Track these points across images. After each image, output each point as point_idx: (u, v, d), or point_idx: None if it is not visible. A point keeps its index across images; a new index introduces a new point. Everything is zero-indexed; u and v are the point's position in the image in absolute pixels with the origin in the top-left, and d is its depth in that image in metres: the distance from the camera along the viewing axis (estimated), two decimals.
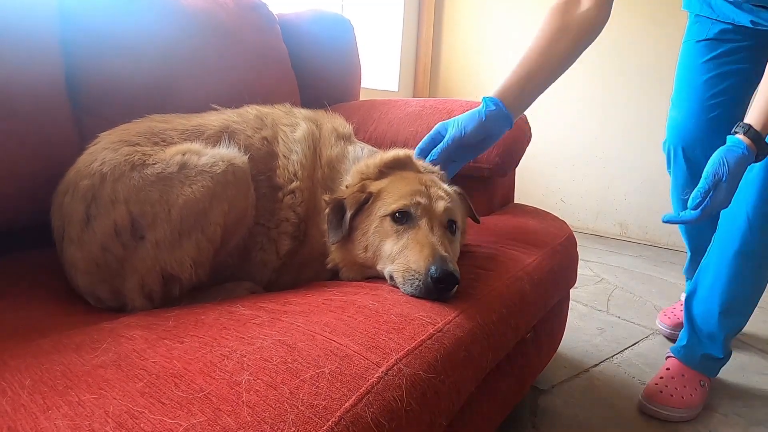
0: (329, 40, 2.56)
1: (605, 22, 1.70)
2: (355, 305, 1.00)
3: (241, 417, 0.64)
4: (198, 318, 0.97)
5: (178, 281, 1.23)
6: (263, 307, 1.01)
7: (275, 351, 0.79)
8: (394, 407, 0.75)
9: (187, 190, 1.20)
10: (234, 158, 1.30)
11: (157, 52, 1.79)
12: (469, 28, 5.27)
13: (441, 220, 1.23)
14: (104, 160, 1.23)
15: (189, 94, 1.83)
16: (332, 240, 1.27)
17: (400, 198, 1.23)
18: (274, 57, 2.26)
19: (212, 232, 1.24)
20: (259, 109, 1.57)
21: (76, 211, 1.21)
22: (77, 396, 0.70)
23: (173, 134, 1.38)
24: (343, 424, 0.67)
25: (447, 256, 1.10)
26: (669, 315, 2.59)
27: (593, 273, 3.53)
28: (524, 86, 1.60)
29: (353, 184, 1.35)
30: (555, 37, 1.64)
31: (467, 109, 1.90)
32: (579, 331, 2.57)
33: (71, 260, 1.23)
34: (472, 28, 5.25)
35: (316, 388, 0.71)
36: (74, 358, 0.83)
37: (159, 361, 0.78)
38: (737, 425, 1.86)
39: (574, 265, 1.83)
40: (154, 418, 0.64)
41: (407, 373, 0.82)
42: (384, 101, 2.29)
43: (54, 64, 1.54)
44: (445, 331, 0.97)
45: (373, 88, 4.68)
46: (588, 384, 2.09)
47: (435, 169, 1.45)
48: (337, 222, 1.27)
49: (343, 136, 1.55)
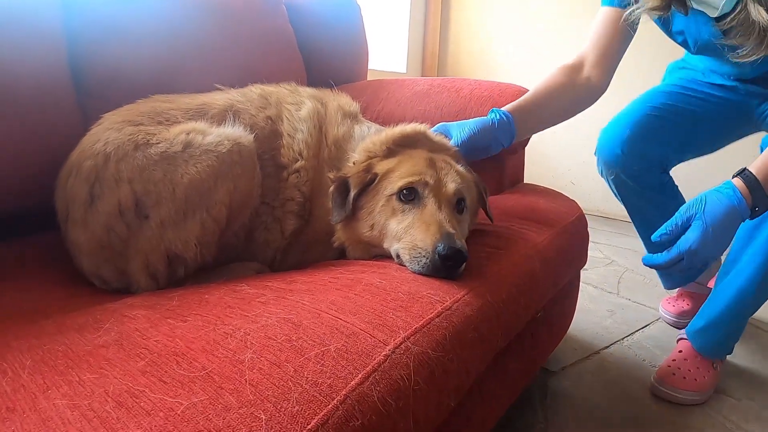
0: (336, 21, 2.54)
1: (602, 92, 1.87)
2: (362, 283, 0.98)
3: (243, 395, 0.63)
4: (202, 297, 0.96)
5: (183, 261, 1.22)
6: (268, 286, 0.99)
7: (280, 329, 0.77)
8: (401, 386, 0.74)
9: (192, 170, 1.19)
10: (240, 137, 1.29)
11: (161, 34, 1.78)
12: (477, 8, 5.22)
13: (449, 198, 1.21)
14: (108, 140, 1.22)
15: (193, 77, 1.81)
16: (335, 219, 1.25)
17: (406, 176, 1.21)
18: (279, 39, 2.24)
19: (217, 211, 1.23)
20: (264, 88, 1.55)
21: (79, 192, 1.20)
22: (78, 375, 0.69)
23: (177, 114, 1.37)
24: (348, 403, 0.66)
25: (454, 233, 1.08)
26: (672, 303, 2.54)
27: (603, 255, 3.50)
28: (529, 116, 1.66)
29: (360, 162, 1.33)
30: (558, 90, 1.77)
31: (475, 87, 1.90)
32: (589, 313, 2.55)
33: (75, 242, 1.23)
34: (481, 9, 5.20)
35: (321, 366, 0.70)
36: (76, 338, 0.82)
37: (161, 340, 0.77)
38: (750, 410, 1.83)
39: (584, 246, 1.81)
40: (154, 396, 0.63)
41: (415, 351, 0.80)
42: (392, 80, 2.26)
43: (57, 47, 1.53)
44: (454, 309, 0.95)
45: (381, 69, 4.65)
46: (598, 366, 2.06)
47: (449, 146, 1.43)
48: (341, 200, 1.25)
49: (350, 115, 1.53)
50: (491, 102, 1.86)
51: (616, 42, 1.84)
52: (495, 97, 1.88)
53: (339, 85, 1.96)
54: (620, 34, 1.82)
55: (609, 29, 1.82)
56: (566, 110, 1.82)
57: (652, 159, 1.99)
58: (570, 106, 1.82)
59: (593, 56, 1.83)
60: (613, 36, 1.83)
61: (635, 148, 1.96)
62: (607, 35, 1.83)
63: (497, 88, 1.94)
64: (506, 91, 1.91)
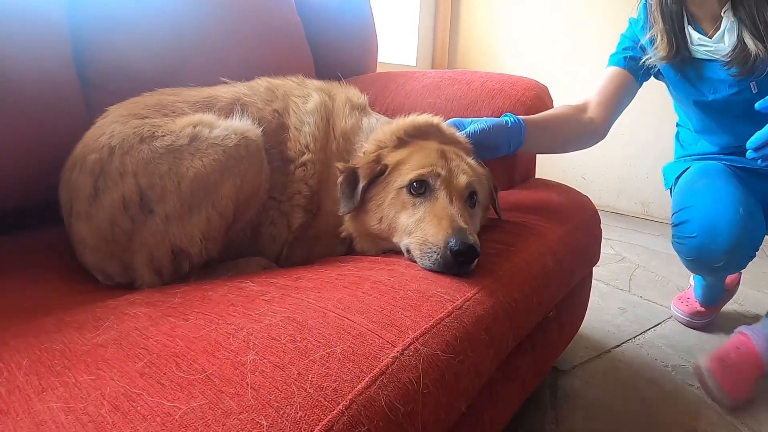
0: (344, 12, 2.51)
1: (602, 136, 1.98)
2: (370, 281, 0.95)
3: (244, 400, 0.61)
4: (205, 294, 0.94)
5: (188, 257, 1.21)
6: (273, 283, 0.97)
7: (284, 329, 0.75)
8: (409, 389, 0.71)
9: (198, 163, 1.18)
10: (247, 131, 1.27)
11: (167, 27, 1.76)
12: (487, 1, 5.19)
13: (461, 191, 1.18)
14: (113, 133, 1.20)
15: (200, 69, 1.80)
16: (343, 210, 1.23)
17: (417, 168, 1.19)
18: (287, 31, 2.22)
19: (223, 206, 1.21)
20: (271, 81, 1.54)
21: (83, 185, 1.18)
22: (74, 377, 0.68)
23: (183, 107, 1.35)
24: (354, 408, 0.63)
25: (466, 228, 1.06)
26: (685, 301, 2.50)
27: (615, 252, 3.48)
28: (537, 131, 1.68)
29: (370, 152, 1.31)
30: (565, 120, 1.85)
31: (487, 80, 1.89)
32: (600, 311, 2.53)
33: (79, 236, 1.21)
34: (491, 1, 5.16)
35: (327, 368, 0.67)
36: (75, 336, 0.81)
37: (161, 339, 0.75)
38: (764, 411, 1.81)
39: (597, 242, 1.79)
40: (151, 400, 0.61)
41: (424, 353, 0.77)
42: (401, 73, 2.24)
43: (61, 39, 1.52)
44: (465, 308, 0.92)
45: (390, 62, 4.63)
46: (610, 365, 2.04)
47: (461, 139, 1.41)
48: (349, 192, 1.23)
49: (358, 107, 1.51)
50: (502, 95, 1.84)
51: (619, 95, 2.00)
52: (506, 89, 1.86)
53: (347, 77, 1.95)
54: (622, 89, 2.01)
55: (612, 84, 2.01)
56: (568, 140, 1.89)
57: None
58: (572, 138, 1.90)
59: (596, 101, 1.97)
60: (615, 90, 2.00)
61: (744, 252, 1.84)
62: (610, 88, 2.00)
63: (508, 80, 1.92)
64: (517, 84, 1.89)
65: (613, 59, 2.06)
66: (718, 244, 1.76)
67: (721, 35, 1.78)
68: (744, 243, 1.75)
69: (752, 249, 1.79)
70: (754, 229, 1.76)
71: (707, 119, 2.02)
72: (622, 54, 2.02)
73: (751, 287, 2.96)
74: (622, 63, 2.01)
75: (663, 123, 4.17)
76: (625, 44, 2.04)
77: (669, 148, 4.03)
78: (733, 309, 2.65)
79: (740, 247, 1.75)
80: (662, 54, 1.86)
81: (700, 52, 1.85)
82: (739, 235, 1.73)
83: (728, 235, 1.74)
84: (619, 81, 2.00)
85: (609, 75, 2.03)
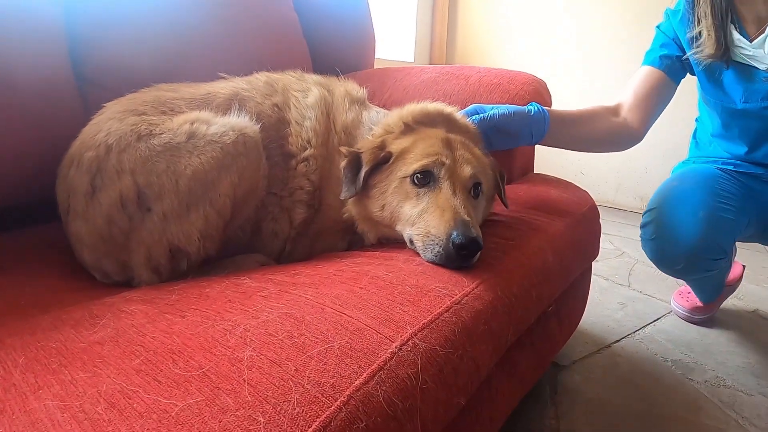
0: (341, 8, 2.51)
1: (638, 138, 1.94)
2: (368, 276, 0.95)
3: (241, 396, 0.60)
4: (202, 291, 0.93)
5: (186, 255, 1.21)
6: (271, 279, 0.97)
7: (281, 325, 0.75)
8: (408, 385, 0.71)
9: (195, 161, 1.17)
10: (245, 128, 1.27)
11: (164, 22, 1.76)
12: None
13: (464, 182, 1.18)
14: (110, 130, 1.20)
15: (197, 65, 1.80)
16: (345, 194, 1.23)
17: (421, 158, 1.18)
18: (284, 26, 2.22)
19: (221, 204, 1.21)
20: (269, 76, 1.53)
21: (80, 183, 1.18)
22: (70, 374, 0.67)
23: (181, 103, 1.35)
24: (352, 404, 0.63)
25: (469, 220, 1.05)
26: (685, 297, 2.49)
27: (614, 246, 3.48)
28: (563, 125, 1.69)
29: (377, 135, 1.31)
30: (596, 118, 1.84)
31: (484, 75, 1.89)
32: (600, 306, 2.53)
33: (77, 234, 1.21)
34: None
35: (324, 364, 0.67)
36: (72, 334, 0.80)
37: (158, 336, 0.74)
38: (762, 405, 1.81)
39: (597, 237, 1.78)
40: (148, 397, 0.60)
41: (423, 348, 0.77)
42: (399, 68, 2.23)
43: (57, 35, 1.52)
44: (464, 303, 0.92)
45: (388, 58, 4.63)
46: (609, 360, 2.04)
47: (471, 128, 1.40)
48: (352, 176, 1.23)
49: (357, 100, 1.50)
50: (500, 89, 1.84)
51: (655, 96, 1.95)
52: (504, 84, 1.85)
53: (345, 73, 1.94)
54: (658, 90, 1.96)
55: (646, 84, 1.96)
56: (595, 139, 1.89)
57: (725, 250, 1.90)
58: (603, 138, 1.89)
59: (630, 102, 1.93)
60: (650, 91, 1.94)
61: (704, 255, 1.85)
62: (644, 87, 1.95)
63: (506, 75, 1.91)
64: (516, 79, 1.88)
65: (648, 57, 2.01)
66: (676, 247, 1.80)
67: (762, 41, 1.74)
68: (703, 247, 1.76)
69: (715, 253, 1.80)
70: (715, 234, 1.76)
71: (731, 125, 1.99)
72: (658, 52, 1.97)
73: (751, 282, 2.97)
74: (657, 63, 1.96)
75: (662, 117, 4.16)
76: (662, 40, 2.00)
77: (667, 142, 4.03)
78: (733, 304, 2.66)
79: (700, 251, 1.77)
80: (709, 52, 1.80)
81: (738, 55, 1.81)
82: (696, 239, 1.75)
83: (685, 240, 1.77)
84: (654, 82, 1.95)
85: (644, 75, 1.99)
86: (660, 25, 2.02)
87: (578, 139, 1.80)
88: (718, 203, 1.79)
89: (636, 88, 1.95)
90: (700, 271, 1.88)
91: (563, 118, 1.69)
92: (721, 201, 1.80)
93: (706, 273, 1.90)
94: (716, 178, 1.92)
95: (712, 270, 1.87)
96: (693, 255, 1.77)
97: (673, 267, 1.86)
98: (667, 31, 1.97)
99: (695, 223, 1.75)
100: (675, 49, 1.94)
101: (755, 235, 2.06)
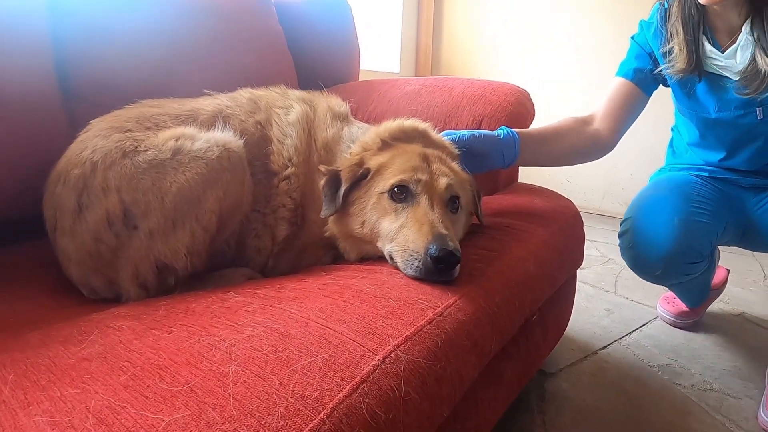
0: (326, 21, 2.53)
1: (609, 148, 1.99)
2: (352, 290, 0.97)
3: (226, 410, 0.62)
4: (189, 306, 0.95)
5: (173, 271, 1.21)
6: (257, 294, 0.98)
7: (266, 339, 0.76)
8: (391, 397, 0.72)
9: (181, 177, 1.18)
10: (229, 143, 1.28)
11: (149, 36, 1.77)
12: (470, 6, 5.22)
13: (442, 196, 1.19)
14: (95, 147, 1.21)
15: (183, 80, 1.81)
16: (325, 213, 1.24)
17: (399, 173, 1.19)
18: (269, 40, 2.23)
19: (207, 220, 1.22)
20: (253, 92, 1.54)
21: (67, 201, 1.19)
22: (59, 391, 0.68)
23: (166, 119, 1.35)
24: (335, 416, 0.64)
25: (447, 234, 1.06)
26: (671, 302, 2.51)
27: (600, 253, 3.49)
28: (534, 144, 1.71)
29: (354, 153, 1.32)
30: (566, 133, 1.86)
31: (467, 86, 1.91)
32: (586, 313, 2.55)
33: (64, 251, 1.21)
34: (473, 6, 5.19)
35: (308, 378, 0.68)
36: (60, 351, 0.81)
37: (145, 352, 0.76)
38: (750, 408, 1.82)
39: (580, 245, 1.80)
40: (135, 412, 0.62)
41: (405, 360, 0.78)
42: (383, 81, 2.26)
43: (43, 51, 1.53)
44: (446, 315, 0.93)
45: (374, 70, 4.64)
46: (596, 367, 2.06)
47: (447, 144, 1.42)
48: (332, 194, 1.24)
49: (340, 116, 1.51)
50: (483, 100, 1.86)
51: (626, 108, 1.97)
52: (487, 95, 1.87)
53: (330, 86, 1.96)
54: (630, 102, 1.98)
55: (618, 96, 1.98)
56: (570, 154, 1.90)
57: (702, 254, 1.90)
58: (575, 151, 1.91)
59: (603, 113, 1.96)
60: (623, 102, 1.97)
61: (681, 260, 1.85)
62: (617, 99, 1.98)
63: (489, 86, 1.93)
64: (498, 90, 1.90)
65: (622, 69, 2.03)
66: (653, 253, 1.82)
67: (734, 51, 1.75)
68: (680, 251, 1.78)
69: (692, 257, 1.82)
70: (691, 238, 1.78)
71: (706, 134, 2.01)
72: (632, 65, 1.99)
73: (736, 285, 3.00)
74: (630, 75, 1.98)
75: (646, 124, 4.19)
76: (636, 52, 2.01)
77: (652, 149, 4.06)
78: (719, 308, 2.68)
79: (677, 256, 1.79)
80: (681, 67, 1.81)
81: (710, 66, 1.82)
82: (672, 244, 1.76)
83: (661, 245, 1.79)
84: (626, 94, 1.98)
85: (616, 86, 2.01)
86: (634, 36, 2.03)
87: (551, 155, 1.82)
88: (693, 208, 1.81)
89: (609, 99, 1.99)
90: (679, 276, 1.90)
91: (534, 137, 1.72)
92: (695, 206, 1.83)
93: (685, 277, 1.92)
94: (691, 184, 1.95)
95: (690, 274, 1.89)
96: (670, 260, 1.79)
97: (652, 273, 1.88)
98: (642, 42, 1.99)
99: (671, 229, 1.77)
100: (648, 62, 1.96)
101: (733, 239, 2.07)
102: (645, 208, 1.91)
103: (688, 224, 1.77)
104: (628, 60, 2.02)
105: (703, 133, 2.01)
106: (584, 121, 1.93)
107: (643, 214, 1.88)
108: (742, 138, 1.89)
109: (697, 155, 2.10)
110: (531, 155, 1.70)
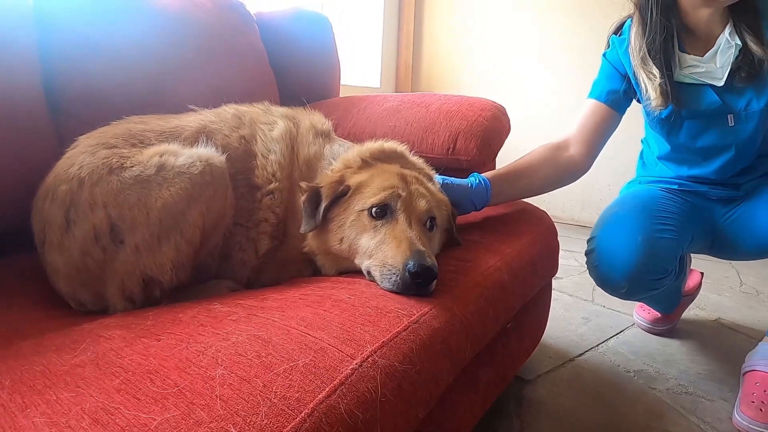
0: (306, 38, 2.56)
1: (584, 171, 2.00)
2: (332, 299, 1.01)
3: (214, 410, 0.65)
4: (176, 316, 0.98)
5: (159, 284, 1.23)
6: (240, 304, 1.02)
7: (250, 346, 0.80)
8: (368, 398, 0.76)
9: (165, 193, 1.20)
10: (211, 157, 1.30)
11: (135, 53, 1.78)
12: (450, 22, 5.28)
13: (420, 215, 1.23)
14: (82, 164, 1.23)
15: (168, 95, 1.82)
16: (304, 228, 1.27)
17: (378, 192, 1.23)
18: (252, 56, 2.26)
19: (191, 233, 1.24)
20: (237, 108, 1.57)
21: (55, 216, 1.21)
22: (55, 394, 0.72)
23: (151, 136, 1.38)
24: (315, 416, 0.69)
25: (424, 250, 1.10)
26: (646, 309, 2.55)
27: (578, 263, 3.53)
28: (507, 185, 1.75)
29: (336, 170, 1.36)
30: (540, 165, 1.88)
31: (444, 102, 1.94)
32: (564, 321, 2.59)
33: (52, 265, 1.23)
34: (453, 22, 5.25)
35: (290, 380, 0.73)
36: (54, 358, 0.84)
37: (135, 358, 0.79)
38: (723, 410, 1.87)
39: (554, 254, 1.85)
40: (128, 413, 0.65)
41: (382, 364, 0.83)
42: (362, 97, 2.29)
43: (31, 67, 1.53)
44: (421, 322, 0.98)
45: (355, 84, 4.68)
46: (573, 373, 2.10)
47: (424, 166, 1.47)
48: (312, 210, 1.27)
49: (322, 133, 1.55)
50: (459, 116, 1.89)
51: (600, 130, 1.98)
52: (463, 111, 1.91)
53: (312, 101, 1.98)
54: (604, 123, 1.98)
55: (592, 118, 1.98)
56: (546, 184, 1.90)
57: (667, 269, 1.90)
58: (550, 180, 1.91)
59: (577, 137, 1.96)
60: (596, 125, 1.97)
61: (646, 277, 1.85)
62: (591, 122, 1.98)
63: (466, 102, 1.97)
64: (475, 105, 1.94)
65: (594, 90, 2.02)
66: (617, 273, 1.82)
67: (713, 54, 1.77)
68: (644, 269, 1.79)
69: (657, 273, 1.83)
70: (655, 256, 1.79)
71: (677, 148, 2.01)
72: (604, 86, 1.98)
73: (712, 291, 3.06)
74: (604, 98, 1.97)
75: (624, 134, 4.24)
76: (608, 72, 2.00)
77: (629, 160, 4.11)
78: (695, 314, 2.75)
79: (641, 274, 1.79)
80: (656, 104, 1.80)
81: (689, 77, 1.81)
82: (636, 263, 1.77)
83: (625, 264, 1.79)
84: (600, 116, 1.97)
85: (590, 109, 2.00)
86: (606, 53, 2.02)
87: (527, 189, 1.84)
88: (657, 225, 1.82)
89: (582, 122, 1.99)
90: (646, 291, 1.91)
91: (508, 177, 1.75)
92: (660, 222, 1.83)
93: (652, 292, 1.93)
94: (657, 200, 1.96)
95: (657, 289, 1.90)
96: (634, 279, 1.80)
97: (618, 291, 1.89)
98: (613, 60, 1.97)
99: (634, 248, 1.77)
100: (621, 83, 1.94)
101: (702, 249, 2.11)
102: (609, 226, 1.91)
103: (652, 242, 1.78)
104: (599, 80, 2.01)
105: (673, 147, 2.01)
106: (558, 146, 1.95)
107: (607, 233, 1.89)
108: (712, 148, 1.91)
109: (668, 168, 2.11)
110: (505, 195, 1.74)
